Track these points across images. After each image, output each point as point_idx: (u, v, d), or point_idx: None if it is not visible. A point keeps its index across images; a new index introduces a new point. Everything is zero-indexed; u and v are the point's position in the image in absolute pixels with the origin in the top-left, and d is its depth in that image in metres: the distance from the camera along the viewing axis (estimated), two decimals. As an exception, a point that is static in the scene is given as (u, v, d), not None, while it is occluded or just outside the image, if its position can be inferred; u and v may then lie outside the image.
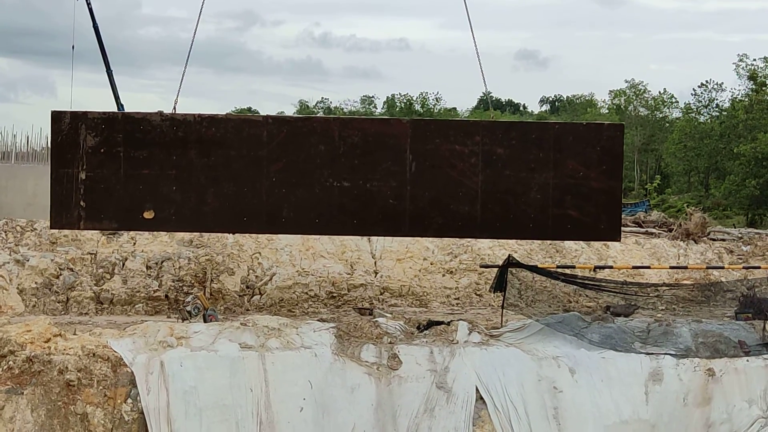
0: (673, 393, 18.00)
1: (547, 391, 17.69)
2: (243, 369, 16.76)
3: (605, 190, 15.26)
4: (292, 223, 15.44)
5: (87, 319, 20.79)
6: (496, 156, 15.13)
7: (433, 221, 15.24)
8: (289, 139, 15.16)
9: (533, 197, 15.22)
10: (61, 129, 15.09)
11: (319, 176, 15.13)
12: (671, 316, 21.08)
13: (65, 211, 15.11)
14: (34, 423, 15.72)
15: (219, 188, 15.16)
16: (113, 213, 15.11)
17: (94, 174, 15.04)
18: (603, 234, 15.36)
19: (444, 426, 16.99)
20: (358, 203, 15.08)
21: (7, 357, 16.17)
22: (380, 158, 15.19)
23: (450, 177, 15.09)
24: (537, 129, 15.67)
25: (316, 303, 23.38)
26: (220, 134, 15.16)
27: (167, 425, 16.00)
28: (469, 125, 15.64)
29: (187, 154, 15.13)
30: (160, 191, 15.15)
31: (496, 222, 15.22)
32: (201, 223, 15.90)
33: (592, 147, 15.24)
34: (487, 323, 20.11)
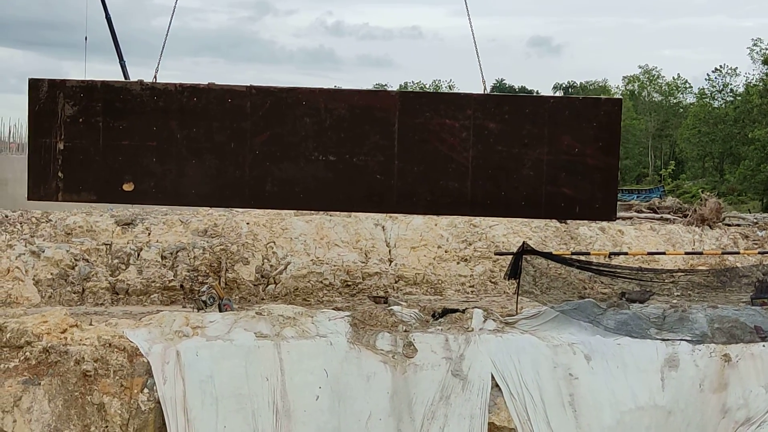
0: (689, 379, 17.98)
1: (563, 378, 17.69)
2: (259, 358, 16.79)
3: (601, 167, 14.86)
4: (275, 198, 15.04)
5: (103, 309, 20.87)
6: (488, 131, 14.72)
7: (422, 197, 14.80)
8: (273, 111, 14.82)
9: (526, 174, 14.86)
10: (38, 97, 14.74)
11: (304, 150, 14.81)
12: (687, 302, 21.04)
13: (43, 182, 14.83)
14: (51, 413, 15.78)
15: (200, 161, 14.83)
16: (92, 185, 14.68)
17: (73, 144, 14.70)
18: (598, 213, 14.99)
19: (460, 413, 17.00)
20: (344, 178, 14.62)
21: (23, 348, 16.24)
22: (368, 132, 14.84)
23: (440, 152, 14.73)
24: (531, 103, 15.33)
25: (330, 292, 23.42)
26: (202, 105, 14.83)
27: (184, 414, 16.05)
28: (460, 98, 15.00)
29: (168, 125, 14.80)
30: (140, 163, 14.80)
31: (486, 199, 14.77)
32: (182, 197, 15.57)
33: (588, 122, 14.80)
34: (502, 311, 20.10)
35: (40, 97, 14.69)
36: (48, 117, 14.67)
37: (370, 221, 25.72)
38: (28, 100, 14.96)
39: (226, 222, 24.31)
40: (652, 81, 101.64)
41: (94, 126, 14.58)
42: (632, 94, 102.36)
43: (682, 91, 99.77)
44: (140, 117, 14.64)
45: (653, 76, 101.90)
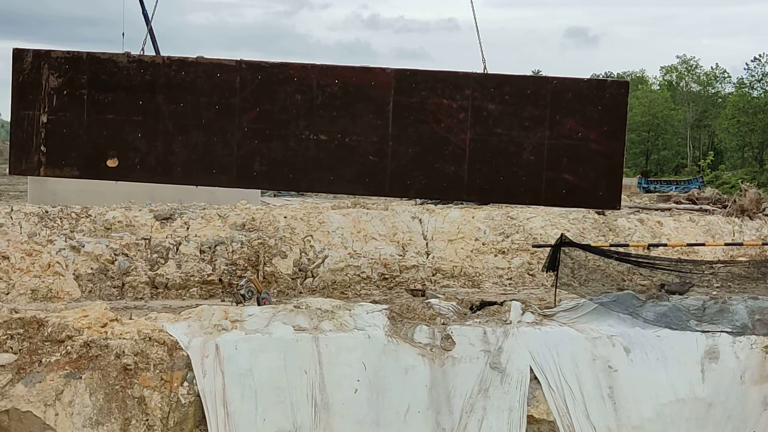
0: (729, 371, 17.86)
1: (602, 370, 17.62)
2: (297, 351, 16.84)
3: (605, 153, 14.22)
4: (263, 178, 14.44)
5: (142, 303, 21.01)
6: (487, 112, 14.17)
7: (416, 181, 14.05)
8: (263, 87, 14.35)
9: (526, 158, 14.23)
10: (22, 68, 14.28)
11: (295, 128, 14.30)
12: (727, 294, 20.88)
13: (25, 155, 14.34)
14: (92, 407, 15.89)
15: (187, 137, 14.36)
16: (75, 159, 14.38)
17: (56, 117, 14.21)
18: (601, 201, 14.36)
19: (498, 406, 16.97)
20: (335, 158, 14.24)
21: (65, 342, 16.36)
22: (361, 110, 14.33)
23: (436, 133, 14.19)
24: (533, 84, 14.57)
25: (368, 285, 23.43)
26: (190, 79, 14.37)
27: (223, 408, 16.12)
28: (458, 77, 14.25)
29: (155, 100, 14.31)
30: (125, 138, 14.31)
31: (484, 184, 14.33)
32: (167, 174, 15.02)
33: (593, 105, 14.18)
34: (540, 303, 20.04)
35: (24, 67, 14.30)
36: (32, 88, 14.31)
37: (407, 214, 25.72)
38: (11, 71, 14.49)
39: (263, 216, 24.39)
40: (690, 71, 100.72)
41: (78, 99, 14.22)
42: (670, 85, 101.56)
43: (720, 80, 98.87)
44: (126, 90, 14.23)
45: (691, 66, 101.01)
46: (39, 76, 14.04)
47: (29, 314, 17.04)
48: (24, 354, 16.30)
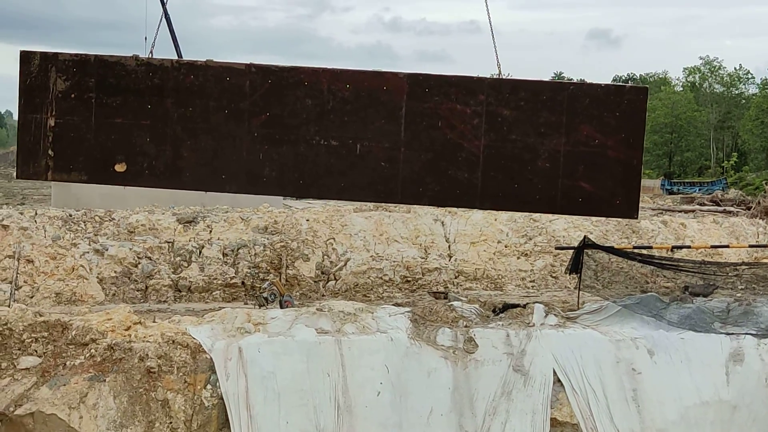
0: (755, 373, 17.76)
1: (626, 372, 17.56)
2: (320, 354, 16.85)
3: (623, 160, 13.84)
4: (273, 184, 14.00)
5: (165, 306, 21.08)
6: (502, 118, 13.80)
7: (429, 188, 13.99)
8: (273, 91, 14.05)
9: (541, 166, 13.89)
10: (30, 71, 14.05)
11: (305, 133, 14.00)
12: (751, 296, 20.77)
13: (32, 159, 14.07)
14: (116, 409, 15.95)
15: (196, 142, 14.10)
16: (83, 164, 14.09)
17: (64, 121, 13.95)
18: (618, 210, 13.89)
19: (521, 409, 16.93)
20: (346, 164, 13.96)
21: (89, 345, 16.44)
22: (373, 115, 13.98)
23: (449, 139, 13.85)
24: (549, 89, 14.17)
25: (390, 288, 23.43)
26: (199, 82, 14.09)
27: (246, 410, 16.15)
28: (472, 82, 13.78)
29: (163, 103, 14.04)
30: (134, 142, 14.06)
31: (498, 191, 14.00)
32: (176, 180, 14.77)
33: (610, 112, 13.78)
34: (563, 305, 19.99)
35: (32, 70, 14.06)
36: (39, 91, 14.06)
37: (429, 217, 25.71)
38: (19, 74, 14.23)
39: (286, 219, 24.43)
40: (713, 72, 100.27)
41: (86, 102, 13.99)
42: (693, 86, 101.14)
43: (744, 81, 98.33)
44: (134, 94, 13.98)
45: (714, 67, 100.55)
46: (46, 79, 13.96)
47: (53, 317, 17.13)
48: (48, 357, 16.38)
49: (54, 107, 13.65)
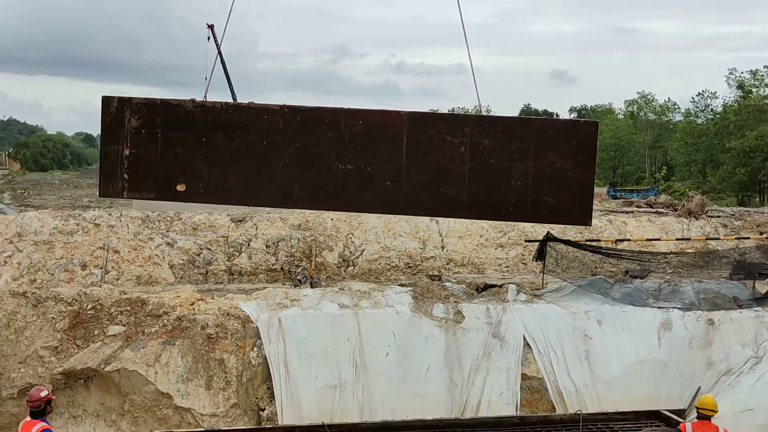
0: (680, 338, 17.75)
1: (580, 338, 17.55)
2: (341, 323, 16.85)
3: (579, 180, 13.42)
4: (302, 200, 13.70)
5: (221, 286, 21.08)
6: (482, 146, 13.44)
7: (425, 202, 13.60)
8: (301, 126, 13.66)
9: (514, 184, 13.45)
10: (109, 111, 13.72)
11: (327, 159, 13.61)
12: (678, 278, 20.74)
13: (111, 182, 13.73)
14: (183, 367, 15.98)
15: (240, 167, 13.67)
16: (151, 185, 13.76)
17: (136, 151, 13.61)
18: (576, 219, 13.48)
19: (498, 366, 16.93)
20: (359, 184, 13.54)
21: (162, 317, 16.47)
22: (380, 145, 13.61)
23: (441, 164, 13.45)
24: (520, 123, 13.87)
25: (396, 272, 23.42)
26: (243, 120, 13.75)
27: (284, 367, 16.16)
28: (459, 118, 13.59)
29: (214, 137, 13.73)
30: (191, 168, 13.71)
31: (480, 205, 13.59)
32: (224, 197, 14.40)
33: (569, 141, 13.43)
34: (531, 285, 19.97)
35: (111, 111, 13.75)
36: (116, 128, 13.77)
37: (427, 217, 25.69)
38: (101, 114, 13.97)
39: (315, 218, 24.40)
40: (647, 103, 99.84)
41: (154, 136, 13.71)
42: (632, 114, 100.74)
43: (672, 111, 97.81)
44: (192, 130, 13.74)
45: (649, 99, 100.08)
46: (122, 118, 13.33)
47: (134, 295, 17.16)
48: (130, 326, 16.41)
49: (128, 140, 13.40)
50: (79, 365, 15.75)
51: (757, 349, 17.54)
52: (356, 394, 16.11)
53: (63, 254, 21.38)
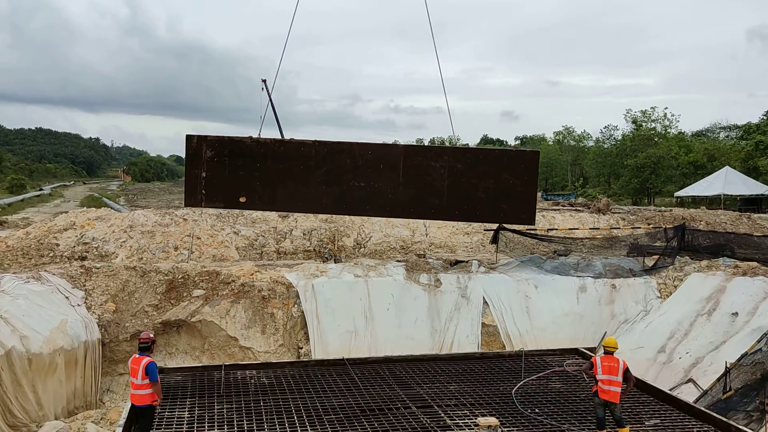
0: (593, 298, 17.74)
1: (523, 297, 17.55)
2: (356, 288, 16.86)
3: (525, 192, 12.79)
4: (329, 207, 13.39)
5: (272, 262, 21.10)
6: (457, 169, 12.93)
7: (416, 208, 12.83)
8: (328, 155, 12.96)
9: (480, 196, 12.80)
10: (191, 146, 13.01)
11: (346, 179, 12.94)
12: (590, 256, 20.72)
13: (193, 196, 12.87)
14: (246, 318, 15.99)
15: (284, 184, 12.89)
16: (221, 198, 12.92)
17: (210, 174, 12.93)
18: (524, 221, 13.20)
19: (465, 318, 16.94)
20: (369, 196, 12.62)
21: (230, 284, 16.47)
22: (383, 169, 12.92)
23: (427, 181, 12.79)
24: (484, 153, 13.31)
25: (394, 252, 23.40)
26: (286, 151, 13.07)
27: (316, 318, 16.17)
28: (440, 149, 13.38)
29: (266, 163, 12.99)
30: (250, 185, 12.97)
31: (455, 210, 12.61)
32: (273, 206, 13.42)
33: (518, 165, 12.88)
34: (488, 261, 19.96)
35: (192, 145, 13.03)
36: (196, 157, 13.11)
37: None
38: (185, 147, 13.20)
39: (337, 216, 24.42)
40: (569, 134, 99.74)
41: (223, 163, 12.97)
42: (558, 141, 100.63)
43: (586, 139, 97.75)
44: (250, 158, 13.05)
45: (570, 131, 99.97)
46: (200, 150, 13.00)
47: (211, 269, 17.17)
48: (209, 290, 16.41)
49: (205, 166, 13.14)
50: (173, 317, 15.77)
51: (646, 305, 17.54)
52: (366, 338, 16.12)
53: (161, 240, 21.40)
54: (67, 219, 22.90)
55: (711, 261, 18.62)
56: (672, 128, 72.58)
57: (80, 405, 13.83)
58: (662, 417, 9.85)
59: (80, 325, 14.17)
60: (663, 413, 10.06)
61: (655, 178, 63.78)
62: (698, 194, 54.11)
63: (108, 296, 15.63)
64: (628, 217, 29.69)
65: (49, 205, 48.13)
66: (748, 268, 16.82)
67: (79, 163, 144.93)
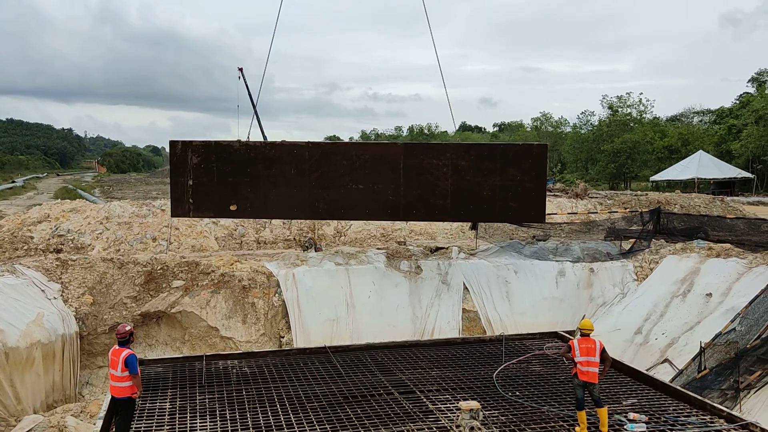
0: (571, 282, 17.94)
1: (502, 282, 17.68)
2: (337, 276, 16.86)
3: (534, 189, 12.59)
4: (325, 213, 12.99)
5: (252, 252, 21.00)
6: (461, 167, 12.65)
7: (419, 210, 12.76)
8: (323, 157, 12.78)
9: (486, 194, 12.64)
10: (176, 152, 12.86)
11: (343, 181, 12.74)
12: (569, 240, 20.92)
13: (180, 205, 12.87)
14: (226, 308, 15.92)
15: (277, 190, 12.78)
16: (210, 206, 12.86)
17: (198, 181, 12.77)
18: (533, 218, 12.71)
19: (446, 304, 17.03)
20: (368, 199, 12.67)
21: (210, 274, 16.37)
22: (383, 169, 12.75)
23: (429, 181, 12.62)
24: (488, 148, 12.94)
25: (374, 240, 23.41)
26: (278, 154, 12.87)
27: (297, 307, 16.16)
28: (442, 146, 13.07)
29: (257, 168, 12.82)
30: (240, 192, 12.82)
31: (460, 210, 12.77)
32: (266, 213, 13.47)
33: (525, 160, 12.61)
34: (468, 247, 20.07)
35: (177, 151, 12.88)
36: (182, 164, 12.89)
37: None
38: (169, 154, 13.09)
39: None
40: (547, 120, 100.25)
41: (210, 169, 12.82)
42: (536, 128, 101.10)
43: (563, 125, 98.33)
44: (239, 163, 12.86)
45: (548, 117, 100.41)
46: (186, 156, 12.78)
47: (190, 259, 17.05)
48: (188, 281, 16.31)
49: (191, 173, 12.52)
50: (152, 309, 15.65)
51: (623, 287, 17.78)
52: (348, 325, 16.15)
53: (139, 231, 21.17)
54: (42, 211, 22.54)
55: (685, 243, 18.92)
56: (647, 113, 73.28)
57: (59, 398, 13.70)
58: (639, 396, 10.04)
59: (57, 318, 14.00)
60: (640, 393, 10.25)
61: (631, 163, 64.51)
62: (673, 178, 54.92)
63: (85, 289, 15.45)
64: (605, 202, 30.04)
65: (23, 198, 47.31)
66: (722, 249, 17.14)
67: (52, 155, 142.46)
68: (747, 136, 54.36)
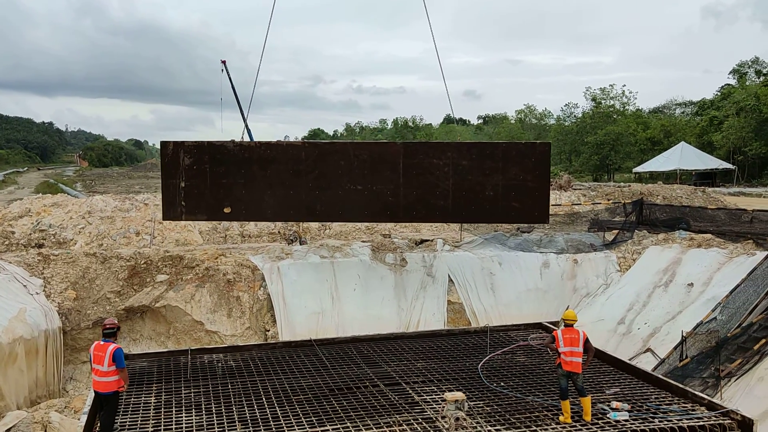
0: (555, 273, 18.06)
1: (487, 274, 17.77)
2: (322, 269, 16.85)
3: (537, 188, 12.22)
4: (322, 214, 12.60)
5: (236, 245, 20.93)
6: (462, 166, 12.27)
7: (419, 212, 12.37)
8: (319, 157, 12.37)
9: (488, 194, 12.24)
10: (167, 153, 12.39)
11: (340, 182, 12.37)
12: (553, 232, 21.06)
13: (172, 208, 12.45)
14: (211, 302, 15.87)
15: (273, 191, 12.37)
16: (203, 209, 12.43)
17: (190, 183, 12.36)
18: (536, 219, 12.40)
19: (431, 296, 17.09)
20: (367, 200, 12.28)
21: (194, 268, 16.30)
22: (382, 169, 12.35)
23: (430, 181, 12.25)
24: (490, 147, 12.50)
25: (359, 233, 23.41)
26: (273, 154, 12.44)
27: (283, 301, 16.15)
28: (443, 145, 12.42)
29: (251, 169, 12.43)
30: (234, 194, 12.41)
31: (462, 211, 12.33)
32: (262, 215, 13.06)
33: (528, 158, 12.24)
34: (452, 240, 20.14)
35: (168, 152, 12.36)
36: (173, 165, 12.42)
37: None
38: (160, 155, 12.65)
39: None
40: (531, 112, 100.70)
41: (203, 171, 12.36)
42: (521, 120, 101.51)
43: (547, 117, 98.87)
44: (233, 164, 12.39)
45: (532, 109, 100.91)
46: (178, 158, 12.28)
47: (174, 253, 16.96)
48: (173, 275, 16.23)
49: (183, 175, 12.19)
50: (136, 303, 15.55)
51: (606, 278, 17.93)
52: (333, 318, 16.17)
53: (122, 225, 21.00)
54: (22, 206, 22.27)
55: (668, 234, 19.14)
56: (630, 105, 73.88)
57: (43, 394, 13.60)
58: (622, 386, 10.17)
59: (40, 314, 13.87)
60: (623, 382, 10.39)
61: (614, 154, 65.04)
62: (655, 170, 55.47)
63: (68, 284, 15.32)
64: (589, 193, 30.28)
65: (3, 193, 46.70)
66: (703, 240, 17.36)
67: (33, 149, 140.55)
68: (728, 128, 54.99)
